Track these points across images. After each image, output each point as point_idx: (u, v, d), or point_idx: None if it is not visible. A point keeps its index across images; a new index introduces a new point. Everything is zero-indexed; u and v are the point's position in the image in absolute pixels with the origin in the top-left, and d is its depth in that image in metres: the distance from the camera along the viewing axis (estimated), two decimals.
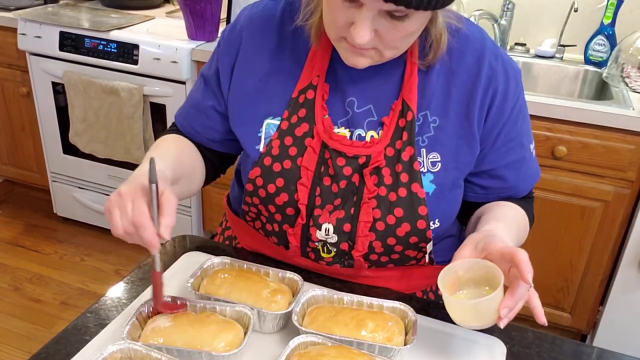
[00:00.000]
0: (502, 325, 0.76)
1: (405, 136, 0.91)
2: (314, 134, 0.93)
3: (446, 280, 0.81)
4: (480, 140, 0.94)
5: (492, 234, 0.84)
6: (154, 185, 0.81)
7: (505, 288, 0.78)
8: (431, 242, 0.96)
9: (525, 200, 1.04)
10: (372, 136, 0.93)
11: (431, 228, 0.94)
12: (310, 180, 0.93)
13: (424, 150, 0.92)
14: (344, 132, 0.94)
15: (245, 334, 0.82)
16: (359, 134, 0.94)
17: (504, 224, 0.92)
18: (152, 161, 0.80)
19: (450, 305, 0.80)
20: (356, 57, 0.85)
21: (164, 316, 0.84)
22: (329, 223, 0.94)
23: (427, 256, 0.99)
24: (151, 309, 0.86)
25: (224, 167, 1.15)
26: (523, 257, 0.75)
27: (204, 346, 0.79)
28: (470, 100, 0.92)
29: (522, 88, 0.96)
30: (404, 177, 0.91)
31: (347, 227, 0.94)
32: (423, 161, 0.92)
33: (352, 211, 0.93)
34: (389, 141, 0.92)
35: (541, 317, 0.77)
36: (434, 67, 0.92)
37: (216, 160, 1.11)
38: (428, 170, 0.92)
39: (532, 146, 1.02)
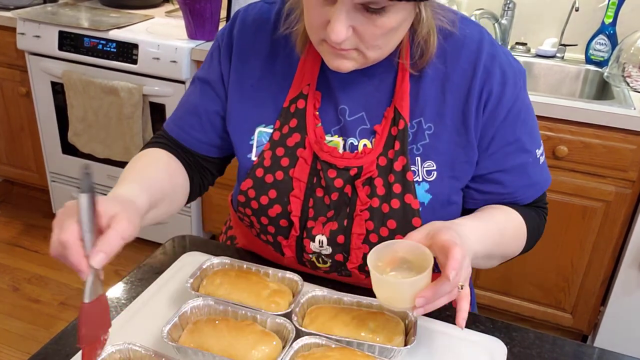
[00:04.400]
0: (415, 313, 0.75)
1: (397, 145, 0.88)
2: (305, 144, 0.91)
3: (383, 255, 0.79)
4: (476, 146, 0.90)
5: (449, 226, 0.79)
6: (83, 197, 0.66)
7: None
8: None
9: (532, 209, 0.98)
10: (365, 145, 0.91)
11: None
12: (302, 191, 0.91)
13: (418, 159, 0.89)
14: (337, 140, 0.92)
15: (283, 347, 0.80)
16: (352, 143, 0.91)
17: (479, 222, 0.87)
18: (86, 167, 0.69)
19: (375, 280, 0.78)
20: (338, 60, 0.81)
21: (204, 319, 0.83)
22: (322, 235, 0.92)
23: None
24: (189, 310, 0.85)
25: (223, 169, 1.09)
26: (456, 253, 0.71)
27: (239, 357, 0.78)
28: (465, 106, 0.88)
29: (521, 89, 0.90)
30: (397, 188, 0.88)
31: (340, 239, 0.92)
32: (418, 170, 0.89)
33: (345, 223, 0.91)
34: (381, 150, 0.89)
35: (460, 320, 0.75)
36: (427, 72, 0.88)
37: (215, 167, 1.05)
38: (423, 180, 0.89)
39: (538, 151, 0.95)
